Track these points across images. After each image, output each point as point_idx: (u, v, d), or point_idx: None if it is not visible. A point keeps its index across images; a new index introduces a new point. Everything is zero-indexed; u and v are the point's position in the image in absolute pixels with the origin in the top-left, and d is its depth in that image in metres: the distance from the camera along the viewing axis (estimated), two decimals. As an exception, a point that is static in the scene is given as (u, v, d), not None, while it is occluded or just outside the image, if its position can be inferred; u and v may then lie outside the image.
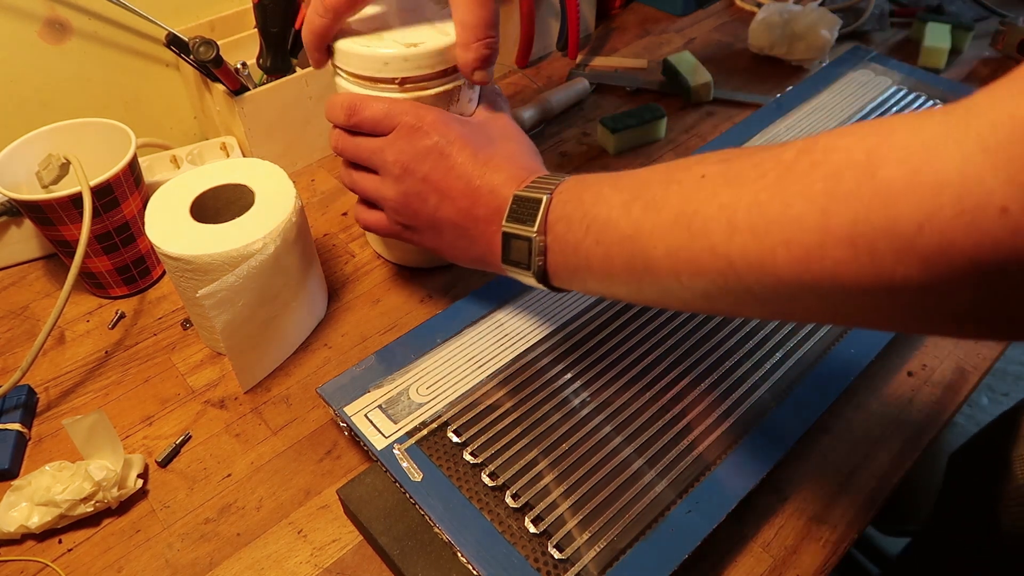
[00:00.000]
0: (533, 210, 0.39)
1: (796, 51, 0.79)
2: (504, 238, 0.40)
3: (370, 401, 0.45)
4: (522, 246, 0.39)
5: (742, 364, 0.46)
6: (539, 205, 0.39)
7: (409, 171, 0.43)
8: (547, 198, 0.39)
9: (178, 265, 0.46)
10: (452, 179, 0.43)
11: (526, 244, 0.39)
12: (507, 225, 0.40)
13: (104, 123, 0.56)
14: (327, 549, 0.42)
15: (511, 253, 0.40)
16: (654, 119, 0.70)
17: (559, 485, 0.40)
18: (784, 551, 0.41)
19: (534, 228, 0.39)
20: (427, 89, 0.46)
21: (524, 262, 0.40)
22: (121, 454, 0.43)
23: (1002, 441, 0.54)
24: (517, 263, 0.40)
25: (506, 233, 0.40)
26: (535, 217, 0.39)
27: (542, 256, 0.39)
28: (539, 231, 0.38)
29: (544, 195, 0.39)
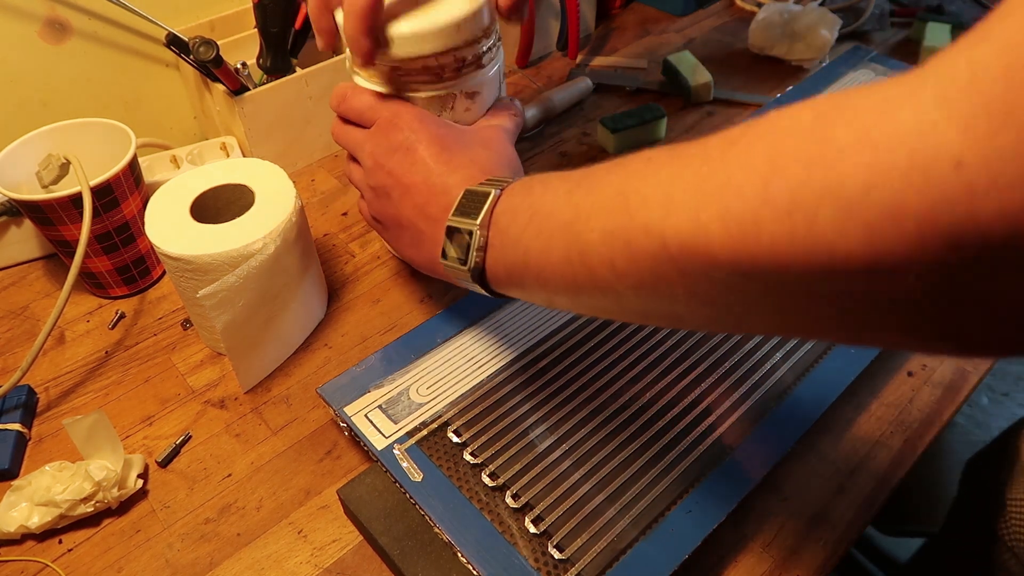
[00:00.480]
0: (480, 203, 0.37)
1: (796, 51, 0.79)
2: (447, 233, 0.39)
3: (370, 401, 0.45)
4: (462, 240, 0.37)
5: (742, 364, 0.46)
6: (486, 198, 0.37)
7: (379, 165, 0.44)
8: (496, 192, 0.37)
9: (178, 265, 0.46)
10: (412, 175, 0.42)
11: (466, 238, 0.37)
12: (451, 219, 0.38)
13: (104, 123, 0.56)
14: (327, 549, 0.42)
15: (450, 249, 0.38)
16: (654, 119, 0.70)
17: (559, 485, 0.40)
18: (784, 551, 0.41)
19: (477, 221, 0.37)
20: (418, 92, 0.46)
21: (461, 257, 0.38)
22: (121, 454, 0.43)
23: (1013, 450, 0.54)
24: (454, 259, 0.38)
25: (449, 227, 0.38)
26: (480, 210, 0.37)
27: (481, 252, 0.37)
28: (482, 224, 0.36)
29: (494, 189, 0.37)
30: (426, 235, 0.42)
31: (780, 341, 0.48)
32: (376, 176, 0.44)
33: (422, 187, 0.42)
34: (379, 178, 0.44)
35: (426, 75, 0.46)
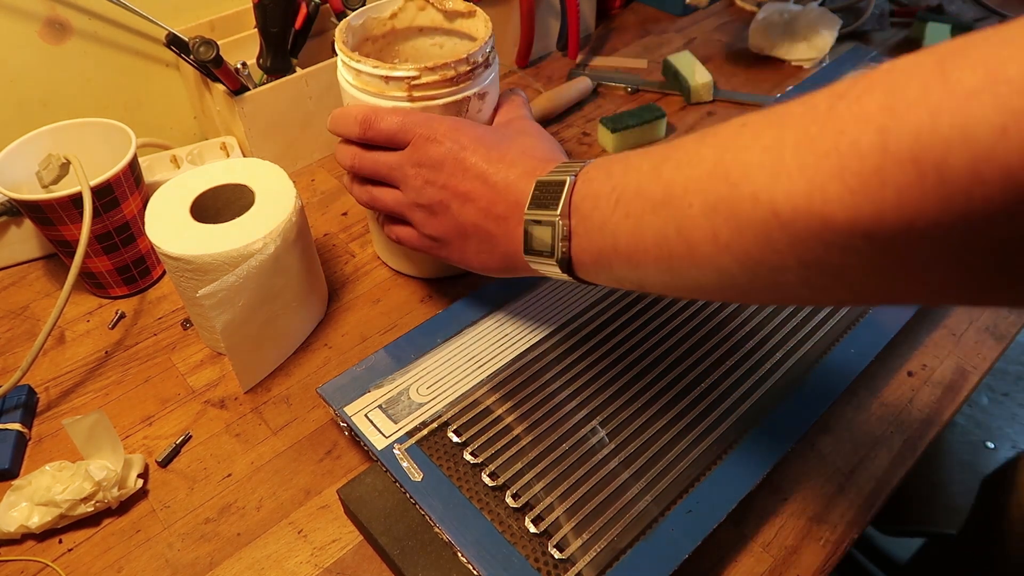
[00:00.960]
0: (556, 193, 0.37)
1: (796, 51, 0.79)
2: (526, 227, 0.38)
3: (370, 401, 0.45)
4: (544, 233, 0.37)
5: (742, 364, 0.46)
6: (562, 187, 0.36)
7: (429, 182, 0.43)
8: (571, 179, 0.36)
9: (178, 265, 0.46)
10: (468, 181, 0.42)
11: (549, 229, 0.37)
12: (529, 212, 0.38)
13: (104, 123, 0.56)
14: (327, 549, 0.42)
15: (533, 242, 0.38)
16: (654, 119, 0.70)
17: (559, 485, 0.40)
18: (784, 551, 0.41)
19: (557, 211, 0.36)
20: (436, 100, 0.47)
21: (547, 250, 0.37)
22: (121, 454, 0.43)
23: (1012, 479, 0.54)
24: (539, 252, 0.38)
25: (528, 221, 0.38)
26: (558, 200, 0.36)
27: (566, 241, 0.36)
28: (562, 214, 0.36)
29: (568, 176, 0.37)
30: (497, 236, 0.41)
31: (781, 340, 0.48)
32: (427, 193, 0.43)
33: (482, 190, 0.41)
34: (431, 194, 0.43)
35: (445, 84, 0.46)
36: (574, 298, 0.51)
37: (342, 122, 0.47)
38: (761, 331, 0.48)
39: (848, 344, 0.48)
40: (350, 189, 0.50)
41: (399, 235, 0.48)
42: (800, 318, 0.49)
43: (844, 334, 0.48)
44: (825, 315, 0.49)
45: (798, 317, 0.49)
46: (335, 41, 0.49)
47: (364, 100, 0.47)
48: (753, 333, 0.48)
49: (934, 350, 0.51)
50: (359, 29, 0.53)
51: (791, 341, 0.48)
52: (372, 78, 0.46)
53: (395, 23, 0.55)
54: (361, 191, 0.49)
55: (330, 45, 0.75)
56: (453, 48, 0.56)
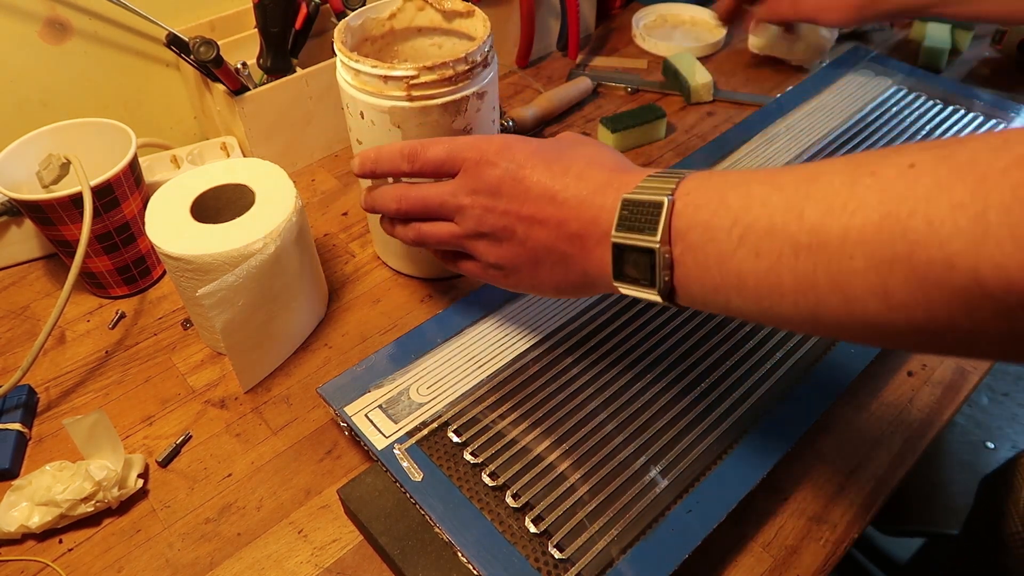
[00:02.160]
0: (652, 216, 0.33)
1: (796, 51, 0.79)
2: (616, 251, 0.34)
3: (370, 401, 0.45)
4: (641, 259, 0.34)
5: (742, 364, 0.46)
6: (660, 209, 0.33)
7: (488, 209, 0.39)
8: (668, 200, 0.33)
9: (178, 265, 0.46)
10: (533, 202, 0.38)
11: (647, 257, 0.33)
12: (618, 235, 0.34)
13: (104, 123, 0.56)
14: (327, 549, 0.42)
15: (626, 267, 0.34)
16: (654, 119, 0.70)
17: (559, 485, 0.40)
18: (784, 551, 0.41)
19: (656, 237, 0.32)
20: (435, 99, 0.47)
21: (646, 279, 0.34)
22: (121, 454, 0.43)
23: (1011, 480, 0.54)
24: (635, 280, 0.34)
25: (618, 244, 0.34)
26: (656, 225, 0.33)
27: (668, 270, 0.33)
28: (663, 241, 0.32)
29: (663, 197, 0.33)
30: (573, 256, 0.38)
31: (781, 340, 0.48)
32: (488, 221, 0.40)
33: (550, 210, 0.37)
34: (493, 221, 0.40)
35: (444, 83, 0.46)
36: (574, 299, 0.51)
37: (384, 160, 0.43)
38: (761, 331, 0.48)
39: (848, 344, 0.48)
40: (391, 231, 0.46)
41: (463, 268, 0.44)
42: (800, 318, 0.49)
43: (844, 334, 0.48)
44: (825, 315, 0.49)
45: (798, 317, 0.49)
46: (334, 41, 0.49)
47: (364, 100, 0.47)
48: (753, 333, 0.48)
49: (934, 350, 0.51)
50: (358, 29, 0.53)
51: (791, 341, 0.48)
52: (371, 78, 0.46)
53: (394, 23, 0.55)
54: (408, 231, 0.45)
55: (330, 45, 0.75)
56: (452, 48, 0.56)
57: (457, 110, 0.48)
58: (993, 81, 0.78)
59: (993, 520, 0.54)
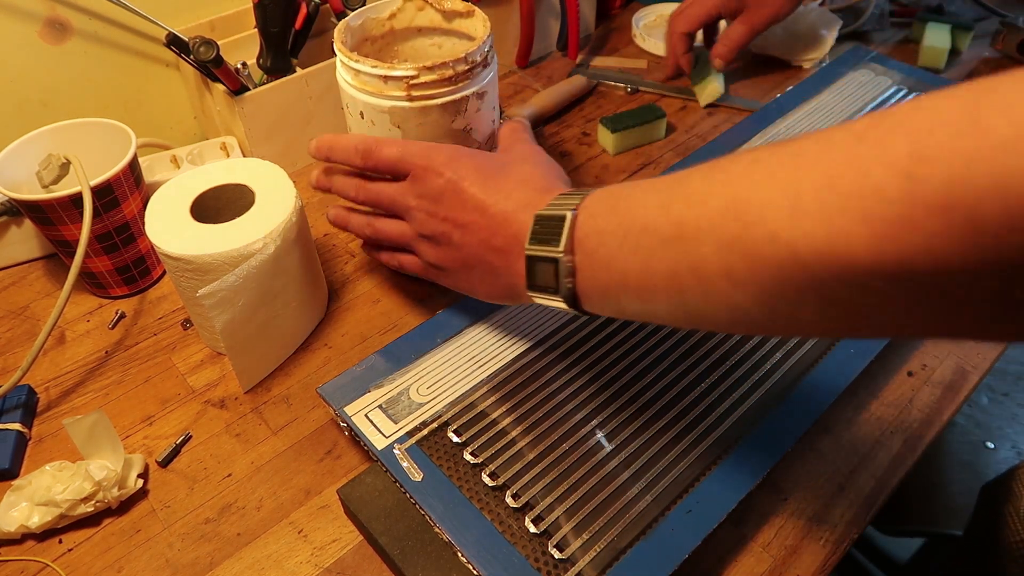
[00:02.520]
0: (557, 228, 0.36)
1: (796, 51, 0.79)
2: (528, 262, 0.38)
3: (370, 401, 0.45)
4: (547, 269, 0.37)
5: (742, 364, 0.46)
6: (563, 223, 0.36)
7: (431, 214, 0.43)
8: (571, 214, 0.36)
9: (178, 265, 0.46)
10: (467, 213, 0.41)
11: (552, 266, 0.36)
12: (530, 248, 0.37)
13: (104, 123, 0.56)
14: (327, 549, 0.42)
15: (536, 277, 0.38)
16: (654, 119, 0.70)
17: (559, 485, 0.40)
18: (784, 551, 0.41)
19: (560, 247, 0.35)
20: (435, 99, 0.47)
21: (551, 286, 0.37)
22: (121, 454, 0.43)
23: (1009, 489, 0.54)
24: (544, 288, 0.37)
25: (530, 256, 0.37)
26: (560, 236, 0.36)
27: (571, 278, 0.36)
28: (566, 250, 0.35)
29: (567, 211, 0.36)
30: (499, 267, 0.41)
31: (781, 341, 0.48)
32: (430, 225, 0.43)
33: (480, 222, 0.41)
34: (433, 226, 0.43)
35: (444, 83, 0.46)
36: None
37: (339, 149, 0.47)
38: (761, 331, 0.48)
39: (848, 344, 0.48)
40: (346, 221, 0.50)
41: (402, 263, 0.48)
42: (800, 318, 0.49)
43: (844, 334, 0.48)
44: (825, 315, 0.49)
45: (798, 317, 0.49)
46: (334, 41, 0.49)
47: (363, 100, 0.47)
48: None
49: (934, 350, 0.51)
50: (358, 30, 0.53)
51: (791, 341, 0.48)
52: (371, 78, 0.46)
53: (394, 23, 0.55)
54: (362, 223, 0.49)
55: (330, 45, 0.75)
56: (452, 48, 0.56)
57: (457, 110, 0.48)
58: (993, 81, 0.78)
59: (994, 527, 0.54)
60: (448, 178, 0.42)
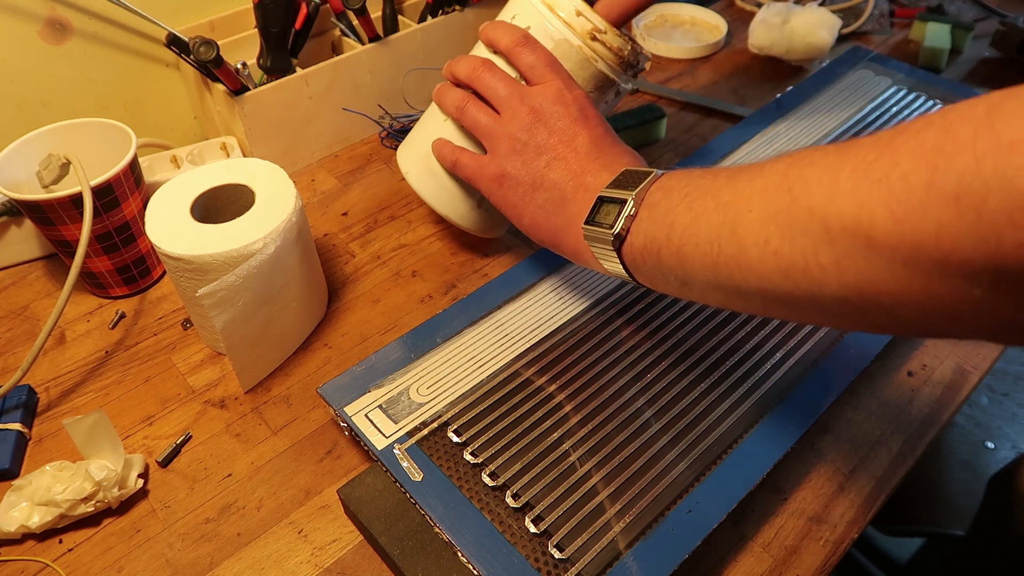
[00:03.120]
0: (639, 180, 0.39)
1: (796, 51, 0.79)
2: (597, 201, 0.41)
3: (370, 401, 0.45)
4: (612, 209, 0.39)
5: (742, 364, 0.46)
6: (646, 177, 0.39)
7: (542, 123, 0.45)
8: (658, 172, 0.39)
9: (178, 265, 0.46)
10: (574, 148, 0.44)
11: (618, 207, 0.39)
12: (606, 191, 0.41)
13: (104, 123, 0.56)
14: (327, 549, 0.42)
15: (598, 214, 0.40)
16: (654, 119, 0.70)
17: (559, 485, 0.40)
18: (784, 551, 0.41)
19: (633, 192, 0.39)
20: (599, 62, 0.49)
21: (608, 223, 0.39)
22: (121, 454, 0.43)
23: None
24: (599, 224, 0.40)
25: (601, 197, 0.41)
26: (638, 185, 0.39)
27: (629, 220, 0.38)
28: (637, 196, 0.38)
29: (654, 171, 0.39)
30: (570, 200, 0.43)
31: (781, 341, 0.48)
32: (534, 132, 0.45)
33: (584, 159, 0.44)
34: (537, 135, 0.45)
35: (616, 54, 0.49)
36: (574, 298, 0.51)
37: (502, 29, 0.49)
38: (761, 331, 0.48)
39: (848, 344, 0.48)
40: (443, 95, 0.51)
41: (459, 160, 0.50)
42: (800, 318, 0.49)
43: (844, 334, 0.48)
44: (825, 315, 0.49)
45: (798, 317, 0.49)
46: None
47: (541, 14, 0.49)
48: (753, 334, 0.48)
49: (934, 350, 0.51)
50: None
51: (791, 341, 0.48)
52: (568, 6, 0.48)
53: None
54: (458, 96, 0.50)
55: (330, 45, 0.75)
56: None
57: (604, 87, 0.50)
58: (993, 81, 0.78)
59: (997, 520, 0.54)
60: (575, 113, 0.45)
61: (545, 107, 0.45)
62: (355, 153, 0.72)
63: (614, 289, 0.52)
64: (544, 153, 0.45)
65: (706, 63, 0.82)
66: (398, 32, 0.72)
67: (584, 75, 0.49)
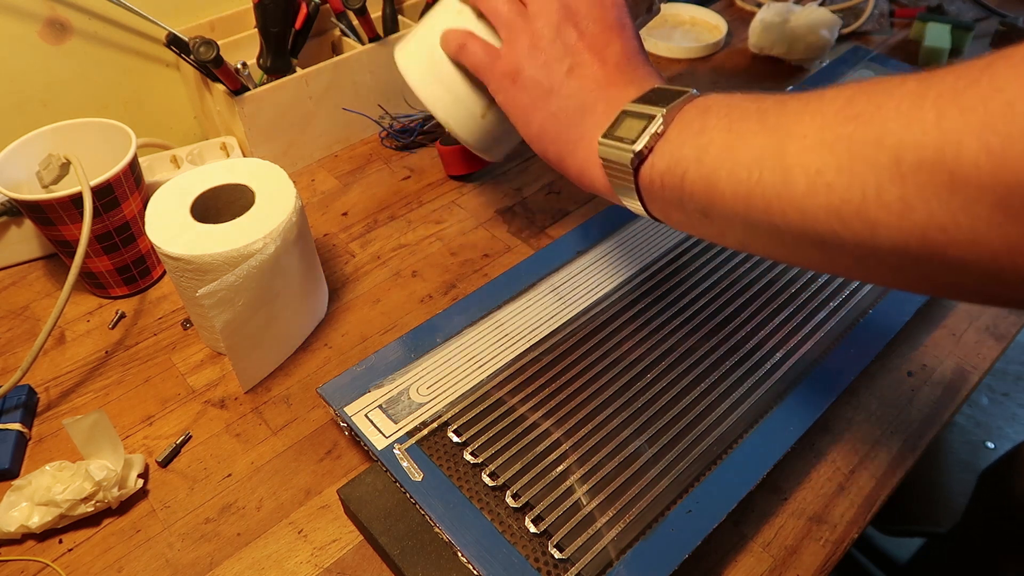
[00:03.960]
0: (671, 97, 0.35)
1: (796, 51, 0.79)
2: (620, 114, 0.37)
3: (370, 401, 0.45)
4: (636, 124, 0.35)
5: (742, 364, 0.46)
6: (680, 95, 0.35)
7: (573, 23, 0.41)
8: (693, 91, 0.35)
9: (178, 265, 0.46)
10: (604, 57, 0.40)
11: (643, 122, 0.35)
12: (632, 104, 0.37)
13: (104, 123, 0.57)
14: (327, 549, 0.42)
15: (619, 128, 0.36)
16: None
17: (559, 485, 0.40)
18: (784, 551, 0.41)
19: (664, 108, 0.35)
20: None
21: (630, 137, 0.35)
22: (121, 454, 0.43)
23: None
24: (620, 138, 0.36)
25: (625, 111, 0.37)
26: (671, 101, 0.35)
27: (655, 138, 0.34)
28: (669, 112, 0.34)
29: (692, 90, 0.35)
30: (590, 113, 0.39)
31: (781, 340, 0.48)
32: (561, 30, 0.41)
33: (613, 70, 0.39)
34: (563, 33, 0.41)
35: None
36: (574, 298, 0.51)
37: None
38: (761, 331, 0.48)
39: (848, 344, 0.48)
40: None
41: (468, 43, 0.44)
42: (801, 318, 0.49)
43: (844, 334, 0.48)
44: (825, 315, 0.49)
45: (799, 317, 0.49)
46: None
47: None
48: (753, 333, 0.48)
49: (934, 350, 0.51)
50: None
51: (791, 341, 0.48)
52: None
53: None
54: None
55: (330, 45, 0.75)
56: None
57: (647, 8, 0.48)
58: (993, 81, 0.78)
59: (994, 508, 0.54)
60: (613, 19, 0.41)
61: (579, 6, 0.41)
62: (355, 153, 0.72)
63: (614, 289, 0.52)
64: (569, 56, 0.40)
65: (706, 63, 0.82)
66: (398, 32, 0.72)
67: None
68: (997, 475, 0.59)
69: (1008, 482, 0.54)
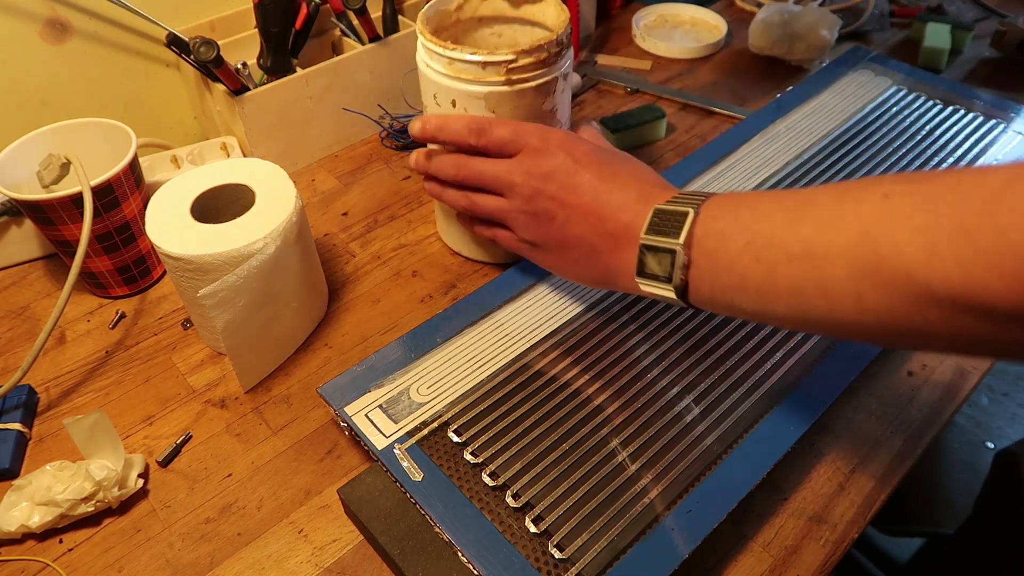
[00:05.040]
0: (678, 223, 0.38)
1: (796, 51, 0.79)
2: (641, 251, 0.39)
3: (370, 401, 0.45)
4: (663, 259, 0.38)
5: (742, 364, 0.46)
6: (685, 218, 0.38)
7: (538, 191, 0.44)
8: (694, 212, 0.38)
9: (179, 265, 0.46)
10: (580, 196, 0.43)
11: (668, 257, 0.38)
12: (646, 238, 0.39)
13: (104, 123, 0.57)
14: (327, 549, 0.42)
15: (647, 266, 0.39)
16: (654, 119, 0.70)
17: (559, 485, 0.40)
18: (784, 551, 0.41)
19: (679, 240, 0.37)
20: (530, 82, 0.48)
21: (664, 275, 0.38)
22: (122, 454, 0.43)
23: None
24: (655, 276, 0.39)
25: (645, 246, 0.39)
26: (680, 230, 0.38)
27: (685, 270, 0.38)
28: (685, 244, 0.37)
29: (691, 208, 0.38)
30: (603, 252, 0.42)
31: (781, 340, 0.48)
32: (536, 202, 0.44)
33: (593, 206, 0.42)
34: (539, 203, 0.44)
35: (538, 66, 0.48)
36: (574, 298, 0.51)
37: (449, 131, 0.47)
38: (761, 331, 0.48)
39: (848, 344, 0.48)
40: (440, 194, 0.51)
41: (496, 236, 0.49)
42: (800, 318, 0.49)
43: (844, 334, 0.48)
44: (825, 315, 0.49)
45: (798, 317, 0.49)
46: (421, 36, 0.49)
47: (457, 88, 0.48)
48: (753, 333, 0.48)
49: (934, 350, 0.51)
50: (433, 18, 0.54)
51: (791, 341, 0.48)
52: (468, 65, 0.47)
53: (460, 15, 0.56)
54: (459, 196, 0.49)
55: (330, 45, 0.75)
56: (513, 36, 0.57)
57: (547, 91, 0.49)
58: (993, 81, 0.78)
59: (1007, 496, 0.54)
60: (562, 160, 0.43)
61: (533, 172, 0.44)
62: (355, 153, 0.72)
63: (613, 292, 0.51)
64: (555, 214, 0.44)
65: (706, 63, 0.82)
66: (398, 32, 0.72)
67: (529, 100, 0.49)
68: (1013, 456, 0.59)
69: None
